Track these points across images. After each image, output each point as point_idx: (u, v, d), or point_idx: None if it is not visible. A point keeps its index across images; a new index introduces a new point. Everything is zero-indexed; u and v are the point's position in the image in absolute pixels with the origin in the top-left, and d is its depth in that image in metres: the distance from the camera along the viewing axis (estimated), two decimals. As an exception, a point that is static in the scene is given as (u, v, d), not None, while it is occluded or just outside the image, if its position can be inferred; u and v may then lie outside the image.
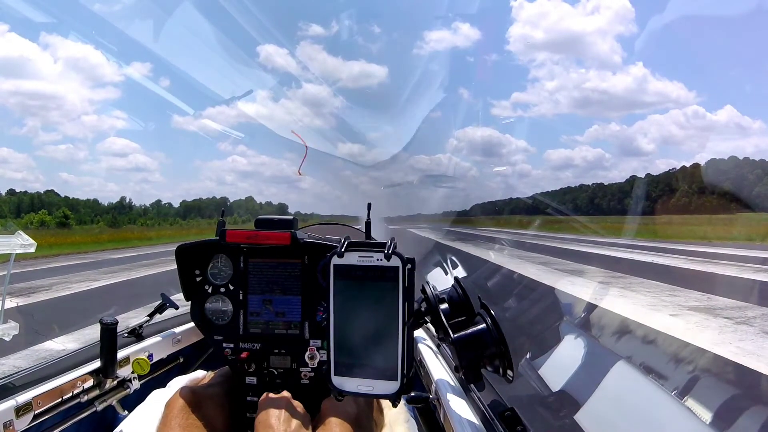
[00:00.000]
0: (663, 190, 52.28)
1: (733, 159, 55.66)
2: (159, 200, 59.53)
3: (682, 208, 45.88)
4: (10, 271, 1.07)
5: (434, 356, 1.32)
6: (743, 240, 21.51)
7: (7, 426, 0.93)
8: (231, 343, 1.05)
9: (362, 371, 0.76)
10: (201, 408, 0.92)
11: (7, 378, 1.03)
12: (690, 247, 18.83)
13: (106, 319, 1.09)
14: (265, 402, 0.91)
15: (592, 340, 2.92)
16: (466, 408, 0.99)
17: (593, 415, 1.67)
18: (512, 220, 34.81)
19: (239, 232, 1.02)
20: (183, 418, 0.89)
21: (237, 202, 62.51)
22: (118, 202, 51.06)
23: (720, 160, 57.86)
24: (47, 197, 45.67)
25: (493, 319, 0.90)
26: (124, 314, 6.09)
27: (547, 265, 11.41)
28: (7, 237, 1.06)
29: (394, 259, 0.74)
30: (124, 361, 1.19)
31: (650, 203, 46.96)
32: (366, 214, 1.09)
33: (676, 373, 3.91)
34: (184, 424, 0.88)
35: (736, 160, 53.85)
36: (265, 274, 1.06)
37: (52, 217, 39.04)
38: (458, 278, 1.07)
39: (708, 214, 35.09)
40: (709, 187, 44.31)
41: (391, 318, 0.75)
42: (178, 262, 1.08)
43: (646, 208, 42.95)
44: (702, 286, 8.52)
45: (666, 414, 2.10)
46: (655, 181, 56.73)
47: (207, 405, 0.93)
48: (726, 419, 2.44)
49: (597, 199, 64.05)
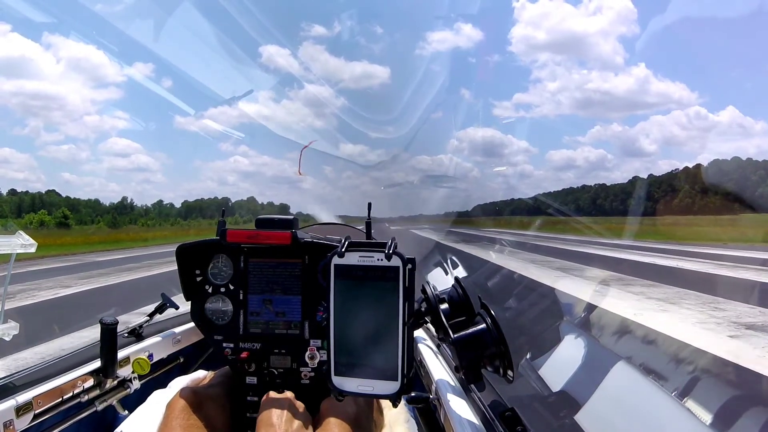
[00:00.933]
0: (666, 190, 52.11)
1: (736, 160, 55.51)
2: (161, 200, 59.61)
3: (685, 209, 45.71)
4: (11, 272, 1.07)
5: (434, 356, 1.32)
6: (759, 242, 20.81)
7: (8, 426, 0.93)
8: (231, 343, 1.05)
9: (362, 371, 0.76)
10: (202, 408, 0.92)
11: (8, 378, 1.03)
12: (706, 249, 18.03)
13: (107, 318, 1.09)
14: (267, 402, 0.91)
15: (593, 341, 2.92)
16: (466, 408, 0.99)
17: (594, 416, 1.67)
18: (514, 221, 34.65)
19: (240, 232, 1.02)
20: (184, 418, 0.89)
21: (239, 202, 62.50)
22: (120, 202, 51.09)
23: (723, 161, 57.72)
24: (48, 197, 45.68)
25: (493, 319, 0.90)
26: (76, 333, 5.81)
27: (568, 273, 10.42)
28: (7, 237, 1.06)
29: (395, 259, 0.74)
30: (125, 361, 1.19)
31: (653, 204, 46.85)
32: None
33: (677, 374, 3.90)
34: (185, 424, 0.88)
35: (739, 161, 53.72)
36: (266, 273, 1.06)
37: (51, 218, 39.00)
38: (458, 278, 1.07)
39: (712, 215, 34.86)
40: (712, 187, 44.16)
41: (391, 318, 0.75)
42: (178, 262, 1.08)
43: (649, 208, 42.85)
44: (744, 296, 7.80)
45: (666, 414, 2.10)
46: (657, 182, 56.59)
47: (208, 405, 0.93)
48: (726, 420, 2.44)
49: (600, 200, 63.88)
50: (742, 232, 24.60)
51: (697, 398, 2.67)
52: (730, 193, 39.54)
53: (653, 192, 51.88)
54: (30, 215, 38.67)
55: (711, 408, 2.50)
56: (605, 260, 14.15)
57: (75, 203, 46.98)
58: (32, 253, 1.09)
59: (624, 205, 54.50)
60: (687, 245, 20.29)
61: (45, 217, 38.57)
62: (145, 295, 6.16)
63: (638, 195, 51.14)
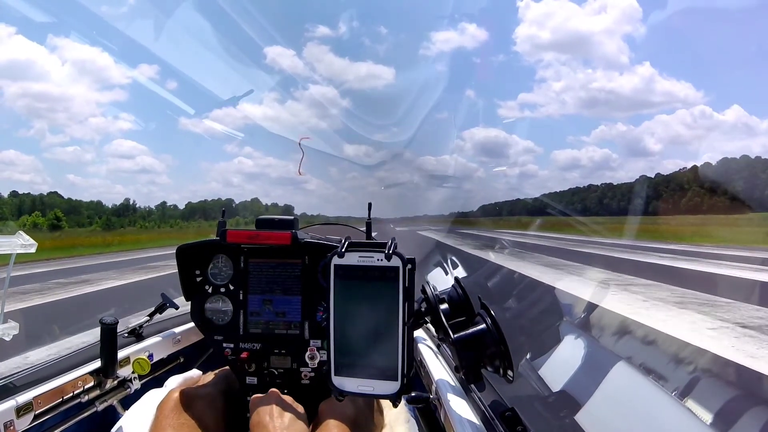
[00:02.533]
0: (674, 189, 51.54)
1: (745, 158, 54.94)
2: (164, 202, 59.43)
3: (693, 209, 45.14)
4: (11, 272, 1.07)
5: (434, 356, 1.32)
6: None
7: (8, 426, 0.93)
8: (231, 343, 1.05)
9: (363, 371, 0.76)
10: (193, 408, 0.92)
11: (8, 378, 1.03)
12: (730, 251, 16.49)
13: (107, 318, 1.09)
14: (256, 402, 0.91)
15: (593, 340, 2.92)
16: (466, 408, 0.99)
17: (594, 416, 1.66)
18: (520, 221, 34.19)
19: (240, 233, 1.03)
20: (174, 418, 0.89)
21: (242, 203, 62.33)
22: (123, 203, 50.81)
23: (731, 159, 56.96)
24: (49, 199, 45.45)
25: (493, 319, 0.90)
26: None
27: (629, 290, 7.94)
28: (7, 238, 1.06)
29: (395, 260, 0.74)
30: (125, 361, 1.19)
31: (662, 204, 46.39)
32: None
33: (679, 374, 3.89)
34: (175, 424, 0.88)
35: (747, 159, 53.15)
36: (266, 274, 1.06)
37: (45, 219, 38.64)
38: (458, 278, 1.07)
39: (723, 215, 34.27)
40: (722, 186, 43.58)
41: (391, 318, 0.75)
42: (178, 262, 1.08)
43: (657, 208, 42.36)
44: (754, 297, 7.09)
45: (668, 415, 2.09)
46: (666, 181, 56.02)
47: (199, 405, 0.93)
48: (727, 420, 2.43)
49: (607, 200, 63.22)
50: (755, 232, 23.81)
51: (700, 399, 2.66)
52: (739, 191, 39.04)
53: (662, 191, 51.35)
54: (24, 217, 38.24)
55: (713, 409, 2.49)
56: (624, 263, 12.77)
57: (76, 205, 46.83)
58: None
59: (632, 205, 53.73)
60: (707, 247, 18.87)
61: (39, 219, 38.26)
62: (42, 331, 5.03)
63: (647, 194, 50.41)
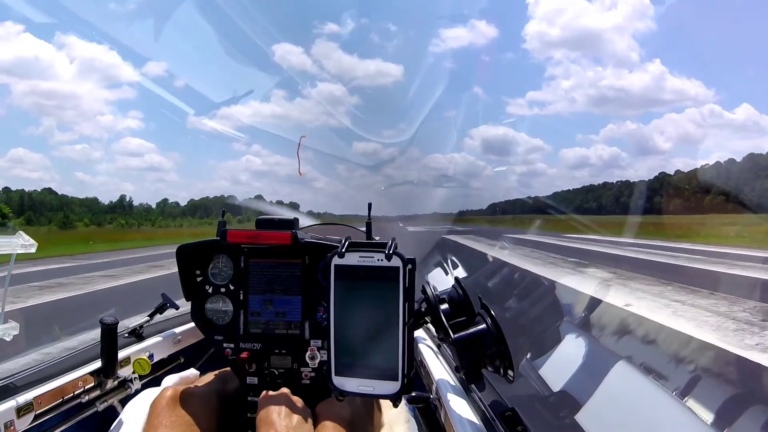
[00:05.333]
0: (695, 188, 50.57)
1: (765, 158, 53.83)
2: (166, 199, 58.55)
3: (718, 207, 44.03)
4: (11, 272, 1.07)
5: (435, 356, 1.32)
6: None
7: (8, 426, 0.93)
8: (231, 343, 1.05)
9: (363, 371, 0.76)
10: (186, 406, 0.92)
11: (8, 378, 1.03)
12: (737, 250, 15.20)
13: (107, 319, 1.09)
14: (265, 400, 0.91)
15: (594, 340, 2.91)
16: (466, 408, 0.99)
17: (595, 416, 1.66)
18: (531, 220, 33.61)
19: (240, 232, 1.03)
20: (166, 417, 0.89)
21: (246, 201, 61.37)
22: (118, 201, 49.67)
23: (758, 156, 55.67)
24: (39, 196, 44.19)
25: (493, 319, 0.90)
26: None
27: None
28: (7, 237, 1.06)
29: (395, 260, 0.74)
30: (125, 361, 1.19)
31: (682, 202, 45.51)
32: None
33: (678, 373, 3.88)
34: (168, 422, 0.88)
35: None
36: (266, 274, 1.06)
37: (20, 219, 36.88)
38: (458, 278, 1.07)
39: (750, 214, 33.39)
40: (743, 186, 42.61)
41: (391, 318, 0.74)
42: (178, 262, 1.08)
43: (677, 207, 41.51)
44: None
45: (669, 415, 2.09)
46: (687, 178, 54.96)
47: (193, 403, 0.93)
48: (728, 420, 2.43)
49: (623, 198, 62.00)
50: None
51: (701, 398, 2.66)
52: (765, 191, 38.07)
53: (684, 188, 50.39)
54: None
55: (714, 408, 2.49)
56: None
57: (69, 202, 45.78)
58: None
59: (650, 203, 52.48)
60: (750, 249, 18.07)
61: (9, 214, 36.46)
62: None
63: (666, 192, 49.57)
